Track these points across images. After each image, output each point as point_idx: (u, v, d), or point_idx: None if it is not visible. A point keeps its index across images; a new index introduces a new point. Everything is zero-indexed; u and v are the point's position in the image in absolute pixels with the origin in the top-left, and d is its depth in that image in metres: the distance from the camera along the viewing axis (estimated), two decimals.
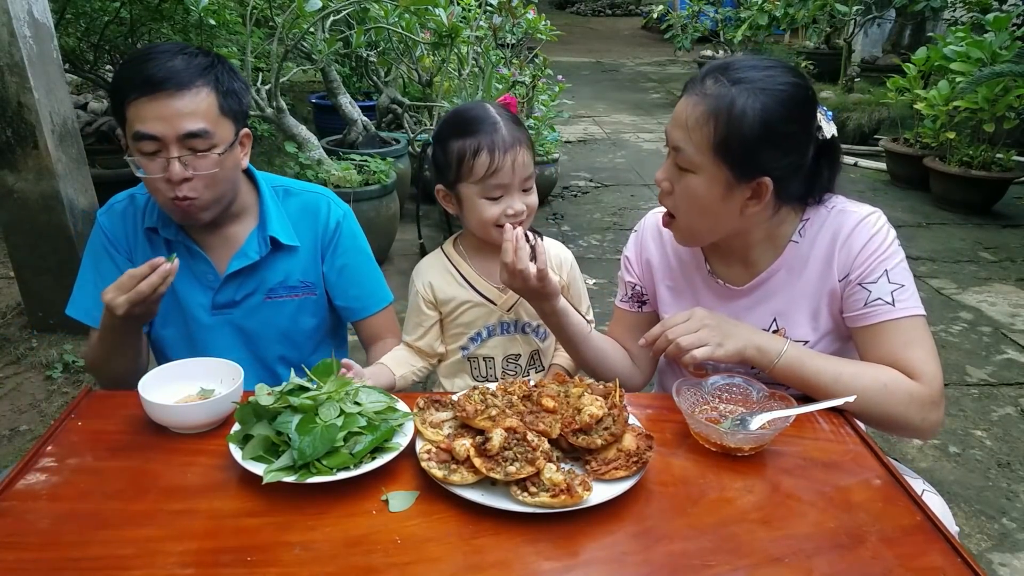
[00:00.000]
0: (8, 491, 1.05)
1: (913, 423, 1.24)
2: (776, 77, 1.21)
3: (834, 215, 1.34)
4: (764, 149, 1.21)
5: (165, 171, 1.35)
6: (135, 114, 1.33)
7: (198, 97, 1.35)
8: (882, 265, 1.28)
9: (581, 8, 18.37)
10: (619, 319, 1.60)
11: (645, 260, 1.53)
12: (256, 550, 0.95)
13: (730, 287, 1.41)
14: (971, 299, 3.88)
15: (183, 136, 1.34)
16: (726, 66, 1.23)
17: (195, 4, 3.13)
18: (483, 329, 1.59)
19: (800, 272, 1.36)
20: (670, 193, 1.32)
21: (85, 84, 5.58)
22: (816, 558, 0.94)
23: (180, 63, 1.34)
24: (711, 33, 9.93)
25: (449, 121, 1.51)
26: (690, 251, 1.47)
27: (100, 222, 1.55)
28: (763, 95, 1.19)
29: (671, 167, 1.30)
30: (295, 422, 1.06)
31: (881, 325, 1.28)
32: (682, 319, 1.31)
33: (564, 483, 1.00)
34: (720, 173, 1.23)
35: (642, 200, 5.49)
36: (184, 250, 1.52)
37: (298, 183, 1.65)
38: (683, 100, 1.26)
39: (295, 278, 1.59)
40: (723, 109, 1.19)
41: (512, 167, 1.42)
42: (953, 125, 5.14)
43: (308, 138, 3.77)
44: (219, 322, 1.57)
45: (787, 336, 1.36)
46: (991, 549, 2.17)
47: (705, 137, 1.21)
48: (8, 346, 3.15)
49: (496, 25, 4.64)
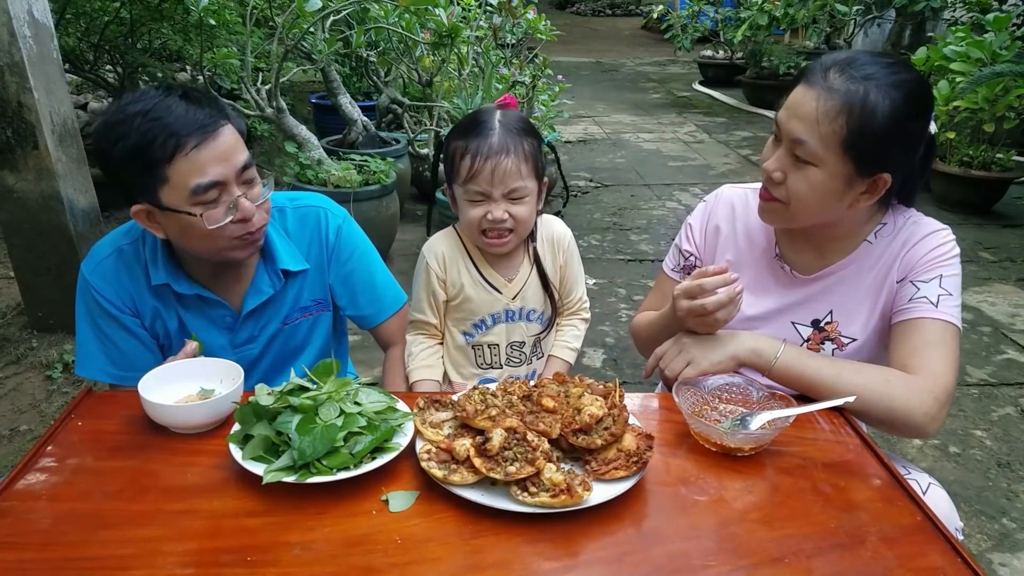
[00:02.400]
0: (8, 491, 1.05)
1: (915, 417, 1.24)
2: (901, 73, 1.22)
3: (909, 224, 1.37)
4: (891, 145, 1.22)
5: (231, 212, 1.30)
6: (188, 167, 1.24)
7: (229, 130, 1.30)
8: (938, 270, 1.31)
9: (581, 8, 18.37)
10: (661, 286, 1.61)
11: (713, 228, 1.53)
12: (256, 550, 0.95)
13: (795, 274, 1.43)
14: (971, 299, 3.87)
15: (239, 170, 1.31)
16: (850, 61, 1.23)
17: (195, 4, 3.13)
18: (488, 316, 1.59)
19: (867, 272, 1.38)
20: (781, 183, 1.29)
21: (85, 84, 5.58)
22: (816, 558, 0.94)
23: (189, 108, 1.26)
24: (711, 33, 9.93)
25: (457, 125, 1.54)
26: (762, 231, 1.48)
27: (90, 281, 1.43)
28: (893, 91, 1.19)
29: (785, 158, 1.28)
30: (295, 422, 1.06)
31: (917, 321, 1.30)
32: (667, 346, 1.36)
33: (564, 483, 1.00)
34: (843, 168, 1.23)
35: (642, 200, 5.49)
36: (199, 301, 1.47)
37: (289, 197, 1.58)
38: (804, 92, 1.24)
39: (307, 298, 1.57)
40: (856, 104, 1.19)
41: (492, 174, 1.43)
42: (953, 125, 5.13)
43: (308, 138, 3.78)
44: (239, 357, 1.52)
45: (839, 331, 1.39)
46: (991, 549, 2.17)
47: (835, 132, 1.20)
48: (8, 346, 3.15)
49: (496, 25, 4.64)
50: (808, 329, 1.42)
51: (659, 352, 1.37)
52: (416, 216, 4.94)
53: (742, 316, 1.44)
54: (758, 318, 1.45)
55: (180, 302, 1.47)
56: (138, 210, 1.32)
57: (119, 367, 1.48)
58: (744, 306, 1.45)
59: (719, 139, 7.43)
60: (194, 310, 1.48)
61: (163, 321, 1.49)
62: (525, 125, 1.51)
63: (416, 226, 4.77)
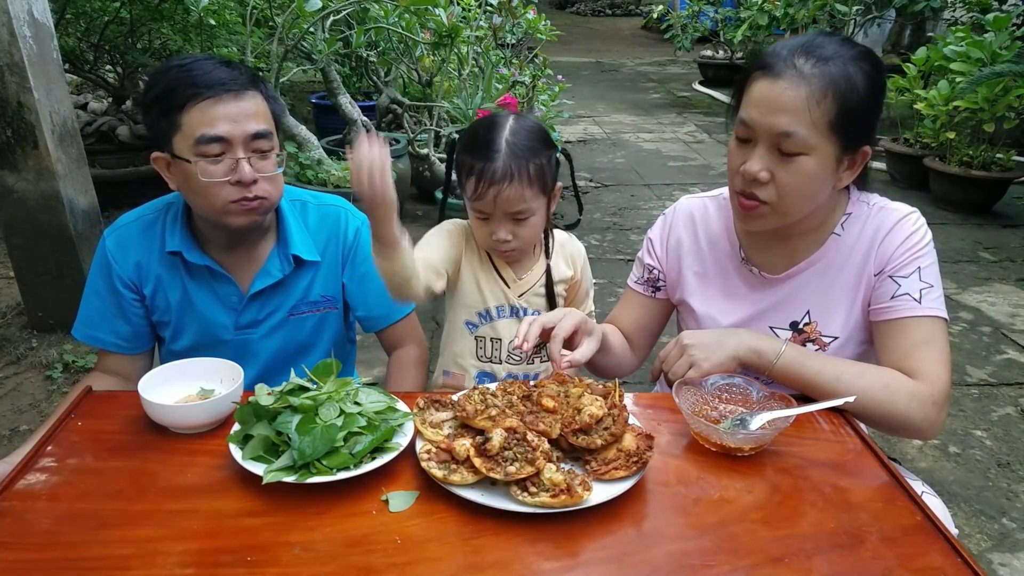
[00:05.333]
0: (8, 491, 1.05)
1: (915, 423, 1.24)
2: (856, 47, 1.23)
3: (875, 212, 1.35)
4: (871, 117, 1.24)
5: (231, 173, 1.34)
6: (198, 117, 1.31)
7: (256, 101, 1.37)
8: (916, 262, 1.30)
9: (581, 8, 18.37)
10: (627, 299, 1.61)
11: (673, 243, 1.52)
12: (256, 550, 0.95)
13: (764, 275, 1.41)
14: (971, 299, 3.87)
15: (250, 137, 1.34)
16: (808, 45, 1.21)
17: (195, 4, 3.13)
18: (493, 308, 1.59)
19: (839, 266, 1.36)
20: (767, 183, 1.25)
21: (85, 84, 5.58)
22: (816, 558, 0.94)
23: (227, 71, 1.34)
24: (711, 33, 9.94)
25: (468, 131, 1.52)
26: (725, 237, 1.47)
27: (107, 246, 1.49)
28: (862, 63, 1.20)
29: (768, 156, 1.23)
30: (295, 422, 1.06)
31: (903, 321, 1.29)
32: (670, 348, 1.35)
33: (564, 483, 1.00)
34: (832, 149, 1.22)
35: (642, 200, 5.49)
36: (208, 274, 1.50)
37: (313, 195, 1.62)
38: (773, 85, 1.20)
39: (316, 292, 1.58)
40: (840, 82, 1.18)
41: (494, 200, 1.43)
42: (953, 125, 5.13)
43: (308, 138, 3.78)
44: (240, 341, 1.55)
45: (818, 331, 1.38)
46: (991, 549, 2.17)
47: (823, 114, 1.18)
48: (8, 346, 3.15)
49: (496, 25, 4.64)
50: (787, 332, 1.40)
51: (662, 355, 1.38)
52: (416, 216, 4.94)
53: (718, 327, 1.44)
54: (734, 326, 1.42)
55: (189, 273, 1.50)
56: (157, 156, 1.39)
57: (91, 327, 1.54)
58: (719, 315, 1.45)
59: (719, 139, 7.43)
60: (201, 283, 1.51)
61: (165, 293, 1.51)
62: (533, 142, 1.46)
63: (416, 226, 4.77)
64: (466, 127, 1.58)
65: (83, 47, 4.71)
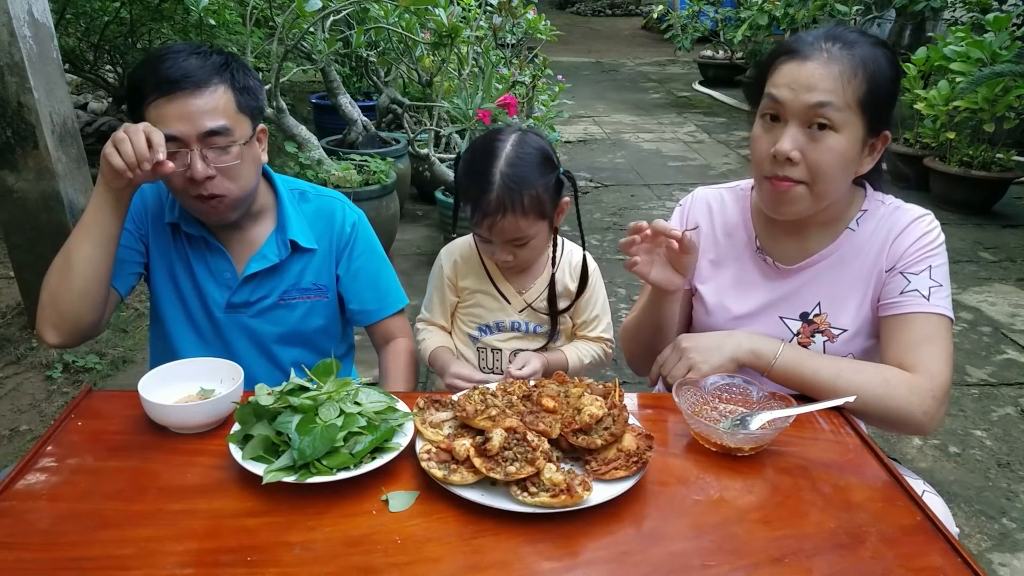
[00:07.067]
0: (8, 491, 1.05)
1: (914, 416, 1.24)
2: (874, 37, 1.27)
3: (891, 211, 1.38)
4: (893, 101, 1.28)
5: (189, 170, 1.35)
6: (155, 114, 1.33)
7: (216, 95, 1.36)
8: (927, 261, 1.32)
9: (581, 8, 18.36)
10: (645, 290, 1.61)
11: (692, 227, 1.53)
12: (256, 550, 0.95)
13: (778, 266, 1.42)
14: (971, 299, 3.88)
15: (204, 134, 1.34)
16: (832, 33, 1.26)
17: (195, 4, 3.13)
18: (494, 323, 1.60)
19: (852, 260, 1.38)
20: (798, 163, 1.25)
21: (85, 84, 5.58)
22: (816, 558, 0.94)
23: (195, 62, 1.35)
24: (711, 33, 9.94)
25: (468, 152, 1.50)
26: (741, 226, 1.48)
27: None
28: (884, 50, 1.25)
29: (799, 136, 1.24)
30: (295, 422, 1.06)
31: (909, 316, 1.30)
32: (667, 352, 1.37)
33: (564, 483, 1.00)
34: (859, 128, 1.25)
35: (642, 200, 5.49)
36: (204, 245, 1.53)
37: (312, 187, 1.65)
38: (801, 66, 1.23)
39: (308, 280, 1.59)
40: (869, 63, 1.22)
41: (490, 230, 1.44)
42: (953, 125, 5.14)
43: (308, 138, 3.77)
44: (230, 321, 1.57)
45: (828, 323, 1.39)
46: (991, 549, 2.17)
47: (853, 91, 1.22)
48: (8, 346, 3.15)
49: (496, 25, 4.64)
50: (797, 323, 1.41)
51: (660, 359, 1.38)
52: (416, 216, 4.94)
53: (730, 315, 1.45)
54: (746, 315, 1.44)
55: (189, 243, 1.54)
56: None
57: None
58: (731, 304, 1.46)
59: (719, 139, 7.43)
60: (199, 253, 1.54)
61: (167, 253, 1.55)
62: (530, 169, 1.41)
63: (416, 226, 4.77)
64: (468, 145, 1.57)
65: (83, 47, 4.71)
